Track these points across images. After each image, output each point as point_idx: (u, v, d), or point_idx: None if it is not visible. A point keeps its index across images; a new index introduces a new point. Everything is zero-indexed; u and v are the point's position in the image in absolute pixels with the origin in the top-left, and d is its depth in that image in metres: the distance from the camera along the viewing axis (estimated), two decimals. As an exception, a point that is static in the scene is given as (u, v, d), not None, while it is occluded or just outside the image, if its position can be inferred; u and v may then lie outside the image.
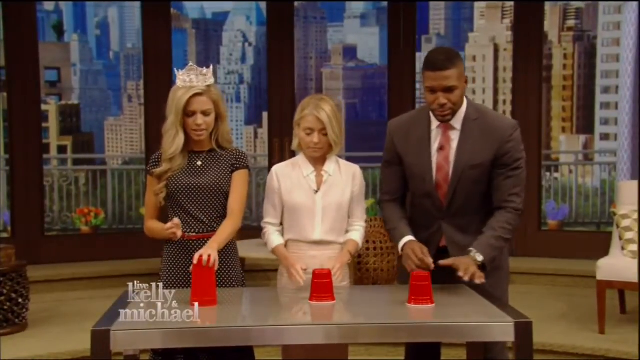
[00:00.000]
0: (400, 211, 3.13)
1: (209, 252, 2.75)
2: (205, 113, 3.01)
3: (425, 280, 2.70)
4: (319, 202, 3.10)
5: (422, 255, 2.91)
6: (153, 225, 3.08)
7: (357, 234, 3.16)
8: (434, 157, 3.03)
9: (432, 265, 2.88)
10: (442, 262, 2.88)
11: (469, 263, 2.85)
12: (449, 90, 2.91)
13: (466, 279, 2.81)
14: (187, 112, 3.00)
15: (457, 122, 3.02)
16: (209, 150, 3.10)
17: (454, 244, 3.04)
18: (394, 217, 3.11)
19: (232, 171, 3.09)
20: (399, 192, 3.16)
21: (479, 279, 2.82)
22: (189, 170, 3.06)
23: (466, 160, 2.99)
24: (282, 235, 3.18)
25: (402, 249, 3.00)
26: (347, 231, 3.17)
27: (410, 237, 3.01)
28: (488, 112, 3.15)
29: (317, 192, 3.12)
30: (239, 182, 3.08)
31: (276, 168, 3.21)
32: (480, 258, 2.88)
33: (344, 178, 3.14)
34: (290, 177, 3.15)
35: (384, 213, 3.17)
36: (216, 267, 2.75)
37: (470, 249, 2.91)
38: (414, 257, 2.91)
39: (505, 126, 3.03)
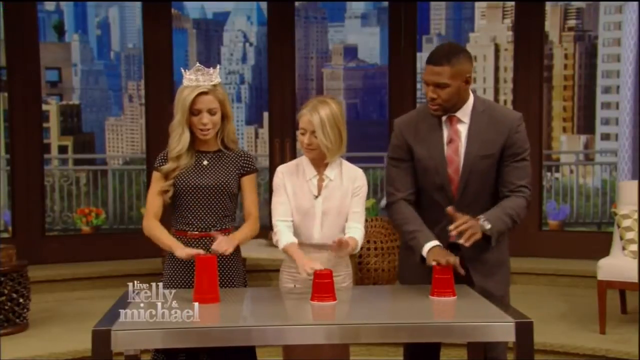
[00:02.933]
0: (416, 214, 3.05)
1: (230, 244, 2.90)
2: (211, 112, 3.02)
3: (448, 274, 2.72)
4: (318, 207, 3.09)
5: (450, 258, 2.85)
6: (157, 231, 3.06)
7: (356, 232, 3.08)
8: (445, 150, 3.03)
9: (462, 271, 2.87)
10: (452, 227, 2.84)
11: (475, 227, 2.83)
12: (438, 86, 2.93)
13: (460, 240, 2.81)
14: (192, 111, 3.01)
15: (465, 115, 3.03)
16: (215, 150, 3.11)
17: None
18: (414, 220, 3.03)
19: (241, 174, 3.11)
20: (410, 188, 3.09)
21: (466, 242, 2.81)
22: (196, 170, 3.07)
23: (477, 150, 3.00)
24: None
25: (428, 252, 2.93)
26: (344, 233, 3.10)
27: (436, 242, 2.95)
28: (493, 104, 3.20)
29: (317, 197, 3.10)
30: (251, 186, 3.12)
31: (281, 168, 3.20)
32: (488, 225, 2.88)
33: (345, 183, 3.12)
34: (294, 178, 3.14)
35: (398, 213, 3.07)
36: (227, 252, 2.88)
37: (480, 216, 2.89)
38: (442, 260, 2.84)
39: (512, 117, 3.06)
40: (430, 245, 2.94)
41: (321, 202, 3.09)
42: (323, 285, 2.72)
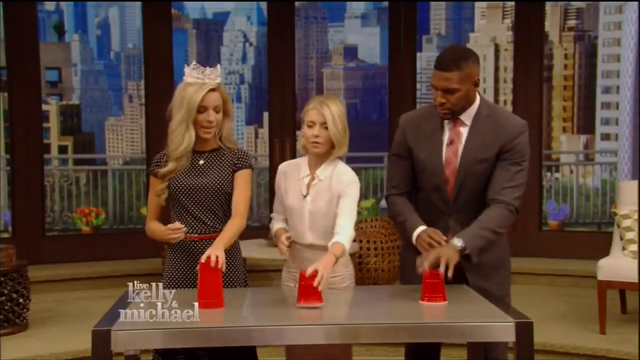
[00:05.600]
0: (409, 204, 3.10)
1: (217, 252, 2.71)
2: (216, 109, 3.01)
3: (438, 278, 2.70)
4: (306, 207, 3.08)
5: (435, 234, 2.88)
6: (154, 227, 3.07)
7: (342, 236, 2.98)
8: (444, 151, 3.03)
9: (443, 242, 2.87)
10: (420, 268, 2.78)
11: (449, 254, 2.79)
12: (448, 91, 2.92)
13: (441, 271, 2.75)
14: (199, 108, 2.98)
15: (468, 118, 3.03)
16: (211, 149, 3.09)
17: None
18: (405, 210, 3.07)
19: (234, 171, 3.06)
20: (407, 186, 3.12)
21: (448, 271, 2.75)
22: (191, 170, 3.05)
23: (473, 154, 3.00)
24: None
25: (417, 238, 2.96)
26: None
27: (423, 227, 2.98)
28: (500, 110, 3.19)
29: (305, 196, 3.10)
30: (243, 182, 3.06)
31: (282, 166, 3.23)
32: (459, 243, 2.85)
33: (335, 184, 3.08)
34: (290, 177, 3.15)
35: (392, 206, 3.12)
36: (224, 269, 2.72)
37: (454, 238, 2.89)
38: (426, 237, 2.89)
39: (514, 125, 3.04)
40: (418, 231, 2.96)
41: (309, 202, 3.09)
42: (309, 287, 2.67)
